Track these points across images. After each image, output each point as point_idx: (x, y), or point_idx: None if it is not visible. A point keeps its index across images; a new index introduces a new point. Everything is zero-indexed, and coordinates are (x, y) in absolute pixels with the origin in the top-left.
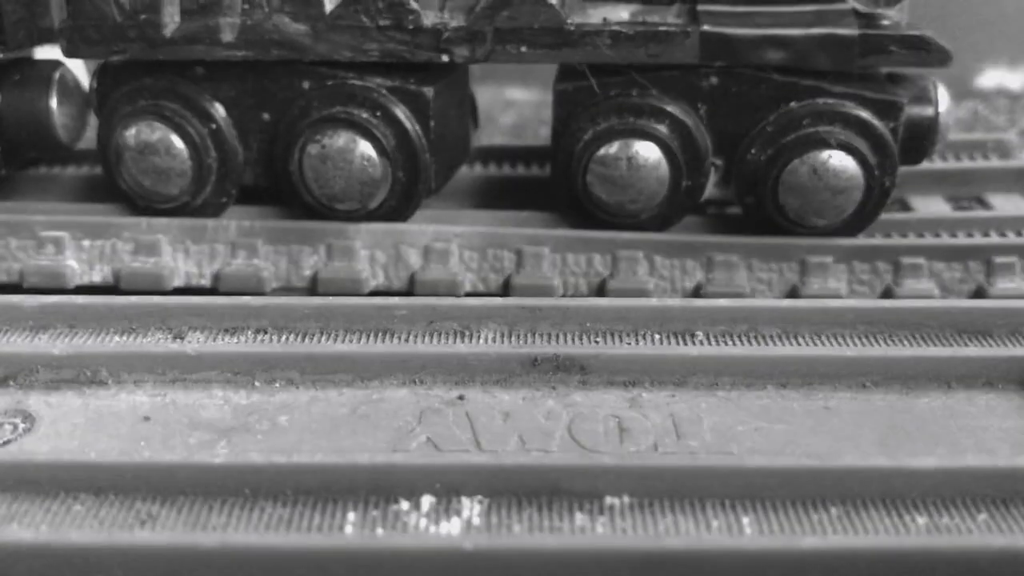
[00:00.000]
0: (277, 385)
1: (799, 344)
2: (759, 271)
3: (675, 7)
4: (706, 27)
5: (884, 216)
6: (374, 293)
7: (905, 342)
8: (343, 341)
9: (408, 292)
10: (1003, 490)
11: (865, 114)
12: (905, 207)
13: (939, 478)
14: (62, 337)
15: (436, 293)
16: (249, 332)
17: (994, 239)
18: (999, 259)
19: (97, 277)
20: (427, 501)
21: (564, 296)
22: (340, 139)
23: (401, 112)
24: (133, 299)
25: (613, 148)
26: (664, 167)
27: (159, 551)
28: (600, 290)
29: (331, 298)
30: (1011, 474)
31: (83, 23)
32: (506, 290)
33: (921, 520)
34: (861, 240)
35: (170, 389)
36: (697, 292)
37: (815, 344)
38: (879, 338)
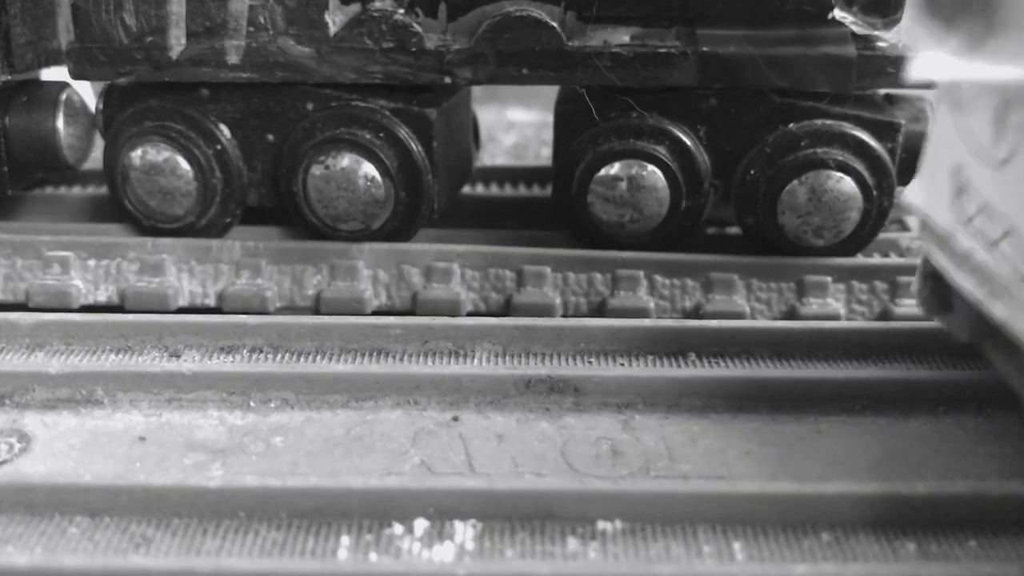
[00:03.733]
0: (272, 405)
1: (791, 366)
2: (758, 291)
3: (674, 30)
4: (705, 49)
5: (882, 236)
6: (376, 312)
7: (896, 365)
8: (338, 361)
9: (410, 311)
10: (993, 516)
11: (863, 135)
12: (903, 227)
13: (929, 504)
14: (58, 355)
15: (438, 312)
16: (244, 351)
17: None
18: None
19: (102, 297)
20: (420, 525)
21: (564, 315)
22: (344, 160)
23: (404, 133)
24: (129, 317)
25: (614, 169)
26: (664, 188)
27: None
28: (600, 309)
29: (326, 317)
30: (1001, 500)
31: (90, 45)
32: (507, 309)
33: (911, 546)
34: (859, 260)
35: (165, 409)
36: (697, 311)
37: (807, 366)
38: (870, 361)
